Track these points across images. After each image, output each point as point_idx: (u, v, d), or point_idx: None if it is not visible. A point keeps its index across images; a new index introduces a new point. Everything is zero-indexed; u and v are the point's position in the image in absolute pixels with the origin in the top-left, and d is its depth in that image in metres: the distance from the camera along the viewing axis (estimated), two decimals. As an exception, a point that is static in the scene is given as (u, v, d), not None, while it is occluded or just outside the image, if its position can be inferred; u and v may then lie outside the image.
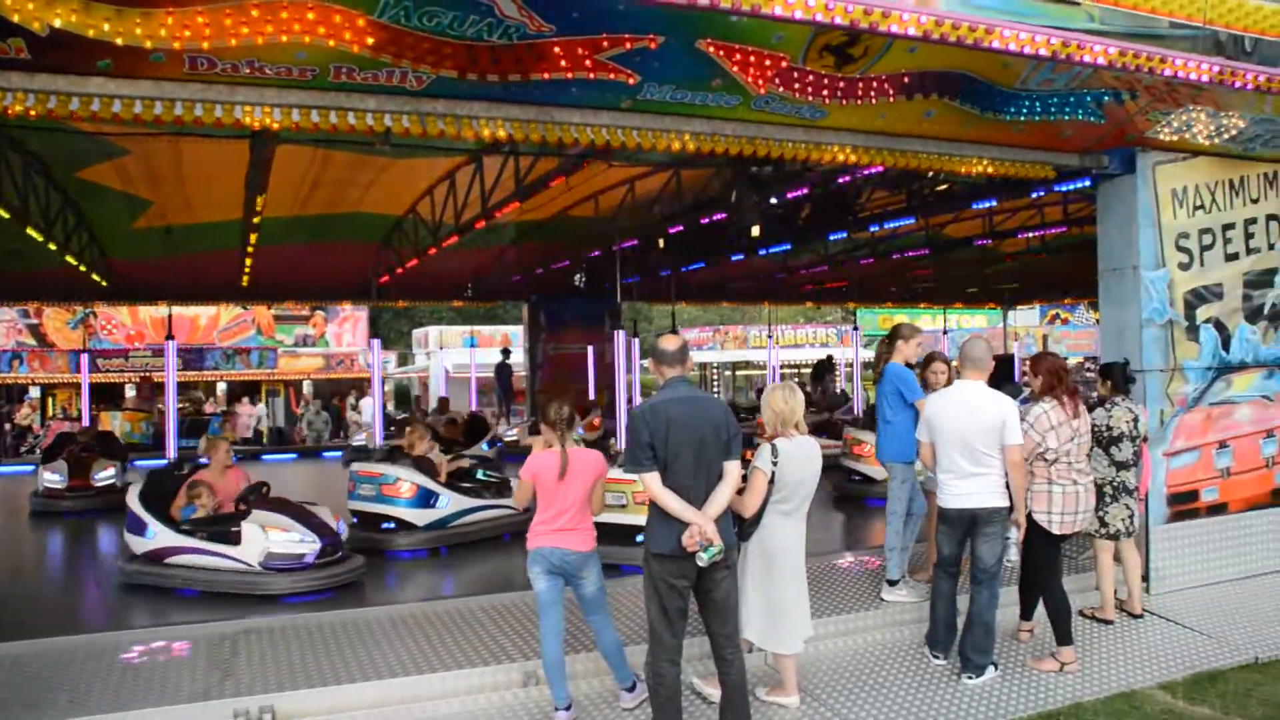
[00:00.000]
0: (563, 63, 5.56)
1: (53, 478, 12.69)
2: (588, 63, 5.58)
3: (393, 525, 9.71)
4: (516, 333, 26.95)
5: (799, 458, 5.47)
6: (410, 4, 4.87)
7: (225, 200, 10.66)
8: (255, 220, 10.73)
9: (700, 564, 4.85)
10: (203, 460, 9.83)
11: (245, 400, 26.06)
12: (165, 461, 11.46)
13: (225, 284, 17.22)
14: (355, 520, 9.78)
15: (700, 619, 5.28)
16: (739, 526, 5.41)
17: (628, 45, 5.48)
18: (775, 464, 5.37)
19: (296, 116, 5.56)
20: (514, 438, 17.69)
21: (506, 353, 22.60)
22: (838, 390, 23.74)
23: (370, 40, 5.05)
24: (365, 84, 5.52)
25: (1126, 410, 7.10)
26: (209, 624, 6.90)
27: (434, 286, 19.26)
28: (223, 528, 8.31)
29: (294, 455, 19.37)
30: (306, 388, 30.26)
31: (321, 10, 4.82)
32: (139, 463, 18.67)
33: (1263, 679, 6.44)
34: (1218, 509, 8.28)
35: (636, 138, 6.28)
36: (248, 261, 14.07)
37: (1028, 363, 7.39)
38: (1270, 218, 8.57)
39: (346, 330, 31.88)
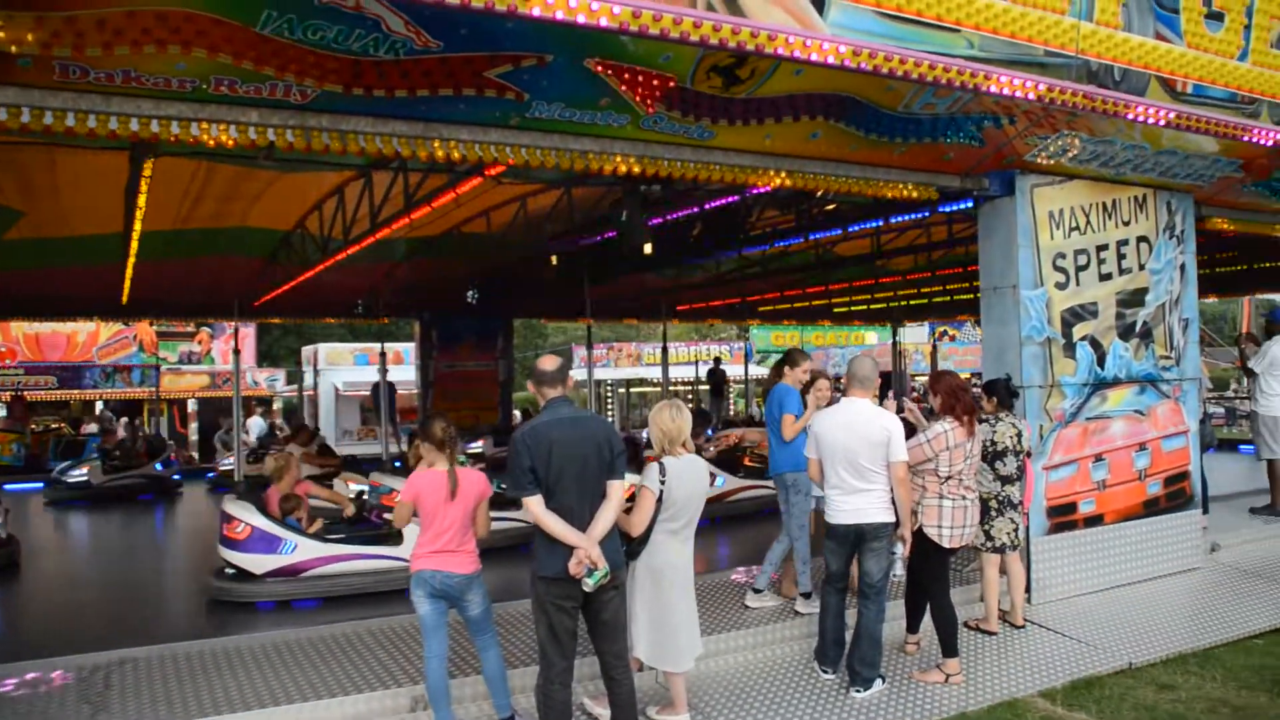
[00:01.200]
0: (450, 79, 5.51)
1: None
2: (476, 79, 5.55)
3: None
4: (409, 350, 26.61)
5: (687, 476, 5.49)
6: (294, 18, 4.77)
7: (104, 213, 10.31)
8: (135, 234, 10.40)
9: (587, 589, 4.85)
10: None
11: (123, 420, 25.22)
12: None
13: (104, 299, 16.65)
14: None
15: (589, 639, 5.27)
16: (627, 545, 5.41)
17: (516, 63, 5.46)
18: (663, 483, 5.38)
19: (175, 129, 5.39)
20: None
21: (384, 372, 22.32)
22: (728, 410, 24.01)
23: (252, 54, 4.94)
24: (247, 97, 5.38)
25: (1010, 425, 7.29)
26: (84, 655, 6.64)
27: (324, 303, 18.91)
28: (382, 530, 9.22)
29: (178, 476, 18.78)
30: (191, 406, 29.45)
31: (201, 22, 4.70)
32: (9, 486, 17.95)
33: (1135, 683, 6.66)
34: (1094, 520, 8.55)
35: (525, 155, 6.25)
36: (128, 276, 13.63)
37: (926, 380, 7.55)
38: (1141, 239, 8.91)
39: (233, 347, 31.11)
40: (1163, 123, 6.93)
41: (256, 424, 25.71)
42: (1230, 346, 16.73)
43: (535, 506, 4.89)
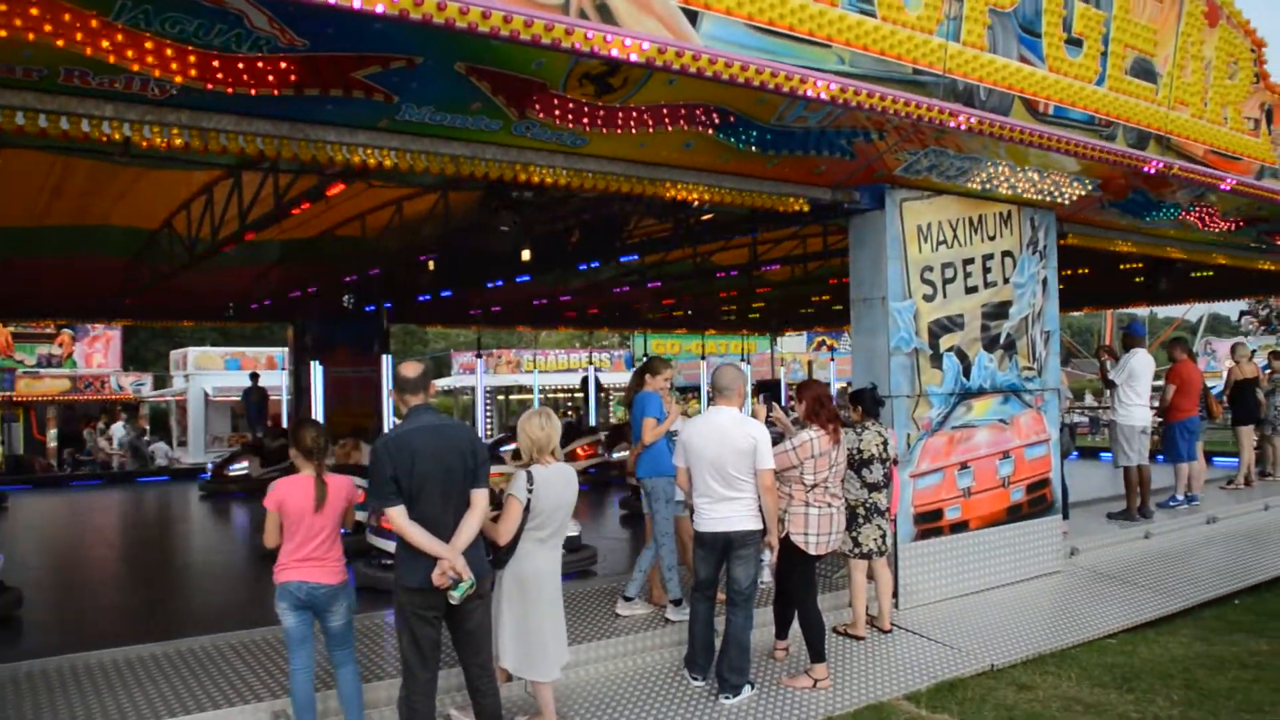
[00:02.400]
0: (316, 79, 5.37)
1: None
2: (343, 80, 5.42)
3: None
4: (283, 355, 26.00)
5: (555, 484, 5.46)
6: (150, 9, 4.57)
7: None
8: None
9: (453, 601, 4.78)
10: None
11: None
12: None
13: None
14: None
15: (454, 650, 5.20)
16: (494, 554, 5.35)
17: (384, 64, 5.35)
18: (530, 491, 5.33)
19: (21, 119, 5.13)
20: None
21: (256, 376, 21.85)
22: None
23: (105, 44, 4.70)
24: (101, 89, 5.16)
25: (876, 434, 7.42)
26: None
27: (193, 306, 18.38)
28: None
29: (29, 485, 17.99)
30: (50, 412, 28.31)
31: (48, 6, 4.47)
32: None
33: (997, 684, 6.85)
34: (960, 527, 8.77)
35: (394, 158, 6.14)
36: (-20, 274, 13.06)
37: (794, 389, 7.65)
38: (1005, 254, 9.17)
39: (98, 350, 29.98)
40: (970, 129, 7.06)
41: (119, 430, 24.88)
42: (1095, 358, 17.47)
43: (398, 516, 4.80)
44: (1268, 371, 15.24)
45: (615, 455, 16.54)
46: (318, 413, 18.67)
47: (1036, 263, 9.48)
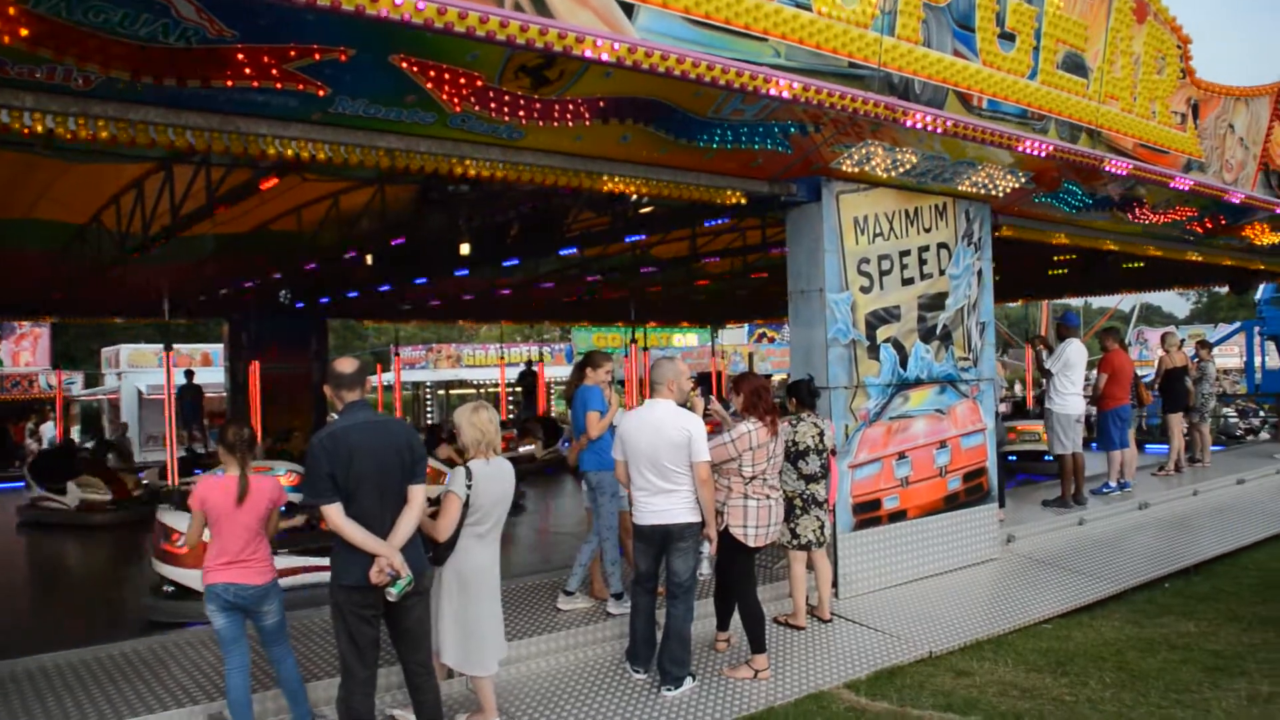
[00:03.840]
0: (247, 70, 5.27)
1: None
2: (274, 72, 5.32)
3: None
4: (218, 351, 25.59)
5: (494, 479, 5.44)
6: (72, -3, 4.49)
7: None
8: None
9: (391, 599, 4.75)
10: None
11: None
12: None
13: None
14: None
15: (393, 647, 5.16)
16: (433, 551, 5.32)
17: (317, 56, 5.26)
18: (469, 487, 5.31)
19: (-69, 109, 5.01)
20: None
21: (191, 374, 21.48)
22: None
23: (24, 32, 4.57)
24: (21, 79, 5.02)
25: (812, 425, 7.46)
26: None
27: (125, 302, 18.01)
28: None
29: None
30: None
31: (-37, -7, 4.34)
32: None
33: (935, 671, 6.93)
34: (898, 516, 8.85)
35: (328, 151, 6.05)
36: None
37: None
38: (941, 246, 9.27)
39: (25, 348, 29.33)
40: (940, 130, 7.14)
41: (49, 430, 24.36)
42: (1031, 348, 17.80)
43: (334, 514, 4.75)
44: (1196, 360, 15.59)
45: (522, 450, 16.61)
46: (253, 410, 18.41)
47: (972, 254, 9.59)
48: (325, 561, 8.10)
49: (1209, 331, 39.99)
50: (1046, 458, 12.92)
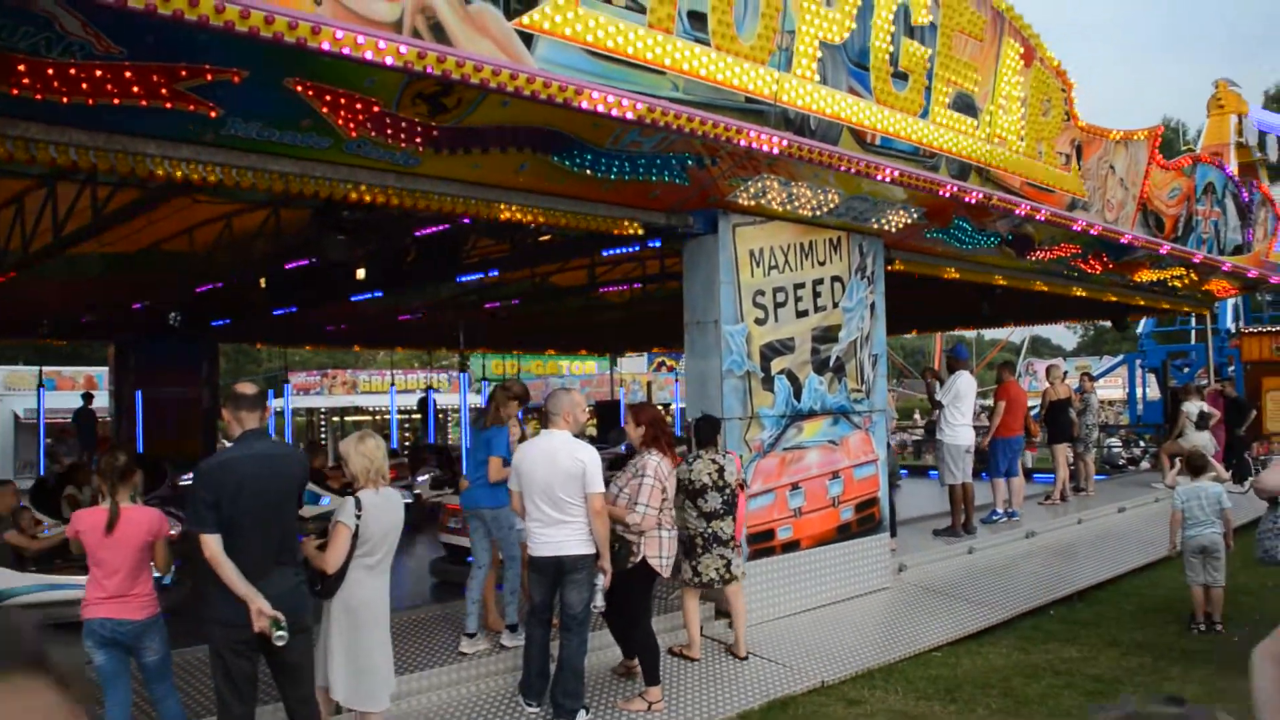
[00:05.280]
0: (135, 89, 5.14)
1: None
2: (164, 91, 5.20)
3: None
4: (103, 374, 24.78)
5: (385, 509, 5.34)
6: (-54, 7, 4.33)
7: None
8: None
9: (279, 644, 4.62)
10: None
11: None
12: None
13: None
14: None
15: (275, 684, 5.03)
16: (321, 583, 5.20)
17: (209, 77, 5.16)
18: (359, 517, 5.20)
19: None
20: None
21: (89, 397, 20.72)
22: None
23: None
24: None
25: (710, 462, 7.44)
26: None
27: (3, 321, 17.38)
28: None
29: None
30: None
31: None
32: None
33: (827, 700, 6.99)
34: (791, 546, 8.92)
35: (219, 174, 5.92)
36: None
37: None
38: (835, 279, 9.42)
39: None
40: (777, 151, 7.16)
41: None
42: (922, 379, 18.19)
43: (213, 546, 4.61)
44: (1080, 392, 16.09)
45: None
46: (138, 436, 17.85)
47: (865, 288, 9.77)
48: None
49: (1095, 363, 41.31)
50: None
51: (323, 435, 26.57)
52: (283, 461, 4.92)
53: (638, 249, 9.49)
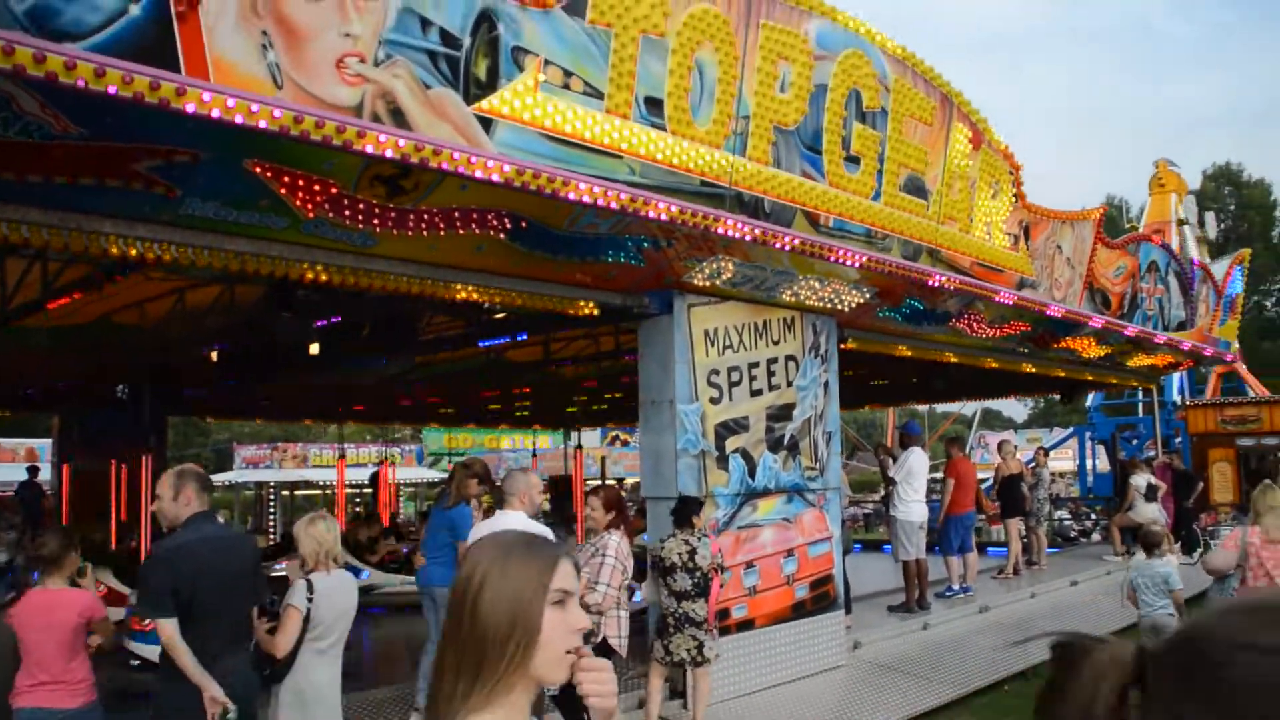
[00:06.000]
0: (93, 168, 5.15)
1: None
2: (122, 171, 5.21)
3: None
4: (45, 447, 24.29)
5: (337, 593, 5.28)
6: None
7: None
8: None
9: None
10: None
11: None
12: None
13: None
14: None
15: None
16: (271, 668, 5.11)
17: (168, 158, 5.17)
18: (311, 600, 5.14)
19: None
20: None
21: (35, 470, 20.26)
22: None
23: None
24: None
25: (682, 543, 7.42)
26: None
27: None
28: None
29: None
30: None
31: None
32: None
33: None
34: (746, 625, 8.87)
35: (175, 253, 5.90)
36: None
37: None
38: (789, 358, 9.50)
39: None
40: (749, 238, 7.29)
41: None
42: (875, 455, 18.34)
43: (171, 630, 4.54)
44: (1033, 466, 16.27)
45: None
46: (81, 511, 17.43)
47: (818, 366, 9.85)
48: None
49: (1045, 435, 41.79)
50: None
51: (271, 510, 26.03)
52: (237, 545, 4.90)
53: (593, 326, 9.52)
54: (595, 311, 8.34)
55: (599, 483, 21.25)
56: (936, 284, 9.46)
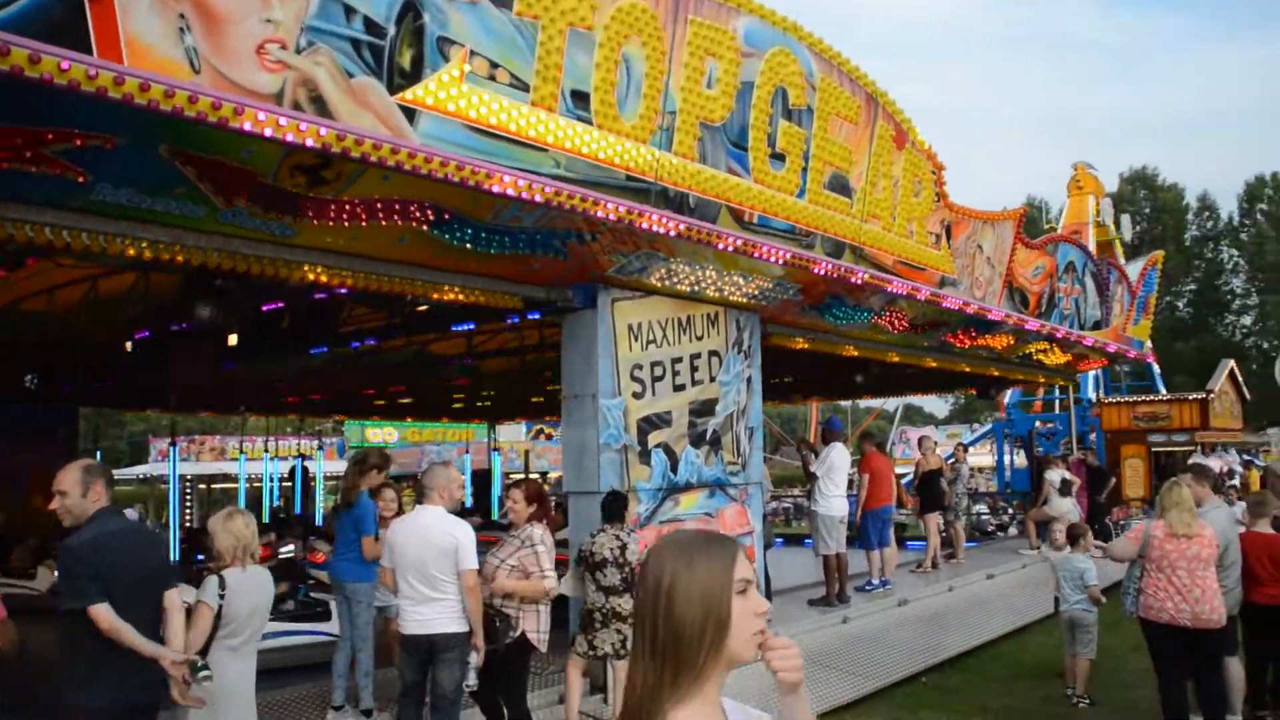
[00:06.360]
0: (-1, 151, 4.97)
1: None
2: (28, 154, 5.03)
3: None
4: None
5: (251, 589, 5.19)
6: None
7: None
8: None
9: (206, 682, 4.60)
10: None
11: None
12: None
13: None
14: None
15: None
16: (181, 668, 5.00)
17: (78, 142, 5.01)
18: (223, 596, 5.04)
19: None
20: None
21: None
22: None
23: None
24: None
25: (613, 538, 7.39)
26: None
27: None
28: None
29: None
30: None
31: None
32: None
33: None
34: (668, 619, 8.86)
35: (87, 240, 5.74)
36: None
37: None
38: (712, 353, 9.54)
39: None
40: (674, 234, 7.33)
41: None
42: (798, 450, 18.48)
43: (107, 615, 4.44)
44: (952, 461, 16.55)
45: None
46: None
47: (742, 362, 9.90)
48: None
49: (965, 431, 42.51)
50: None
51: (188, 504, 25.48)
52: (149, 539, 4.81)
53: (517, 320, 9.45)
54: (519, 304, 8.30)
55: (521, 476, 21.19)
56: (859, 281, 9.54)
